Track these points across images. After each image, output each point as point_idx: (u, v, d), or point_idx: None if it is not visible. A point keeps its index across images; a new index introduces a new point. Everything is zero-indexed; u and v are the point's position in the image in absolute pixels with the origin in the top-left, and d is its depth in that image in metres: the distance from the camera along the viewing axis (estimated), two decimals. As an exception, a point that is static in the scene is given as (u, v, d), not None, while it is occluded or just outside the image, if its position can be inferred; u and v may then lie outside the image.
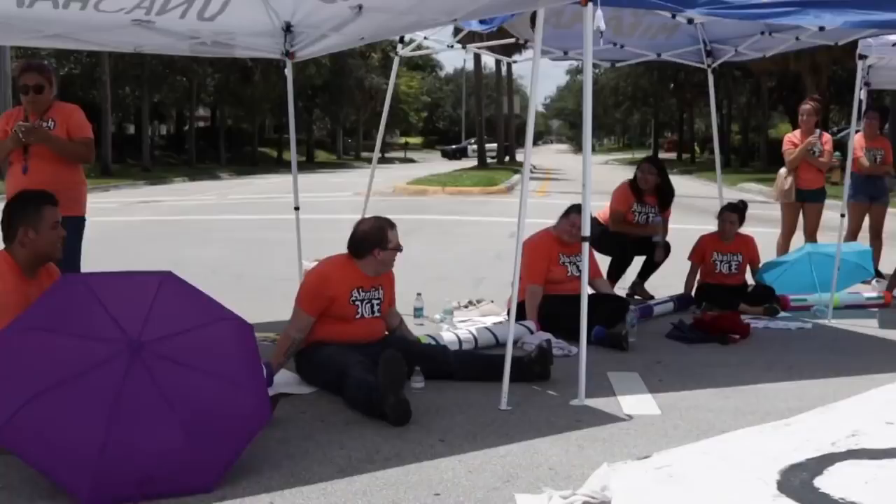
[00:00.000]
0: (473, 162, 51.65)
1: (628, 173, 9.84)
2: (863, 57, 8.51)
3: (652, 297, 8.88)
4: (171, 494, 3.91)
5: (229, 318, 4.39)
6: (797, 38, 8.42)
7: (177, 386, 3.99)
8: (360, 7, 6.95)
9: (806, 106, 10.24)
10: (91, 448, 3.77)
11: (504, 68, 57.63)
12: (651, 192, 9.14)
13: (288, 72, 8.79)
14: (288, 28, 8.13)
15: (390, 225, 5.93)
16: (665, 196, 9.23)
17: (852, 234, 10.38)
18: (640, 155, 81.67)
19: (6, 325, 4.10)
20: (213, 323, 4.33)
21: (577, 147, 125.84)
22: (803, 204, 10.15)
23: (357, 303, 5.76)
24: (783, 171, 10.21)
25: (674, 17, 7.02)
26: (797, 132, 10.33)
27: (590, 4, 5.38)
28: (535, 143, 6.50)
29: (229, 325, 4.36)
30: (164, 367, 3.99)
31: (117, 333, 3.99)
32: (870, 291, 9.37)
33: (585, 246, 5.58)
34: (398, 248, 5.92)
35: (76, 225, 6.29)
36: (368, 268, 5.85)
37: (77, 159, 6.45)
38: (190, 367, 4.07)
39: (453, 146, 77.53)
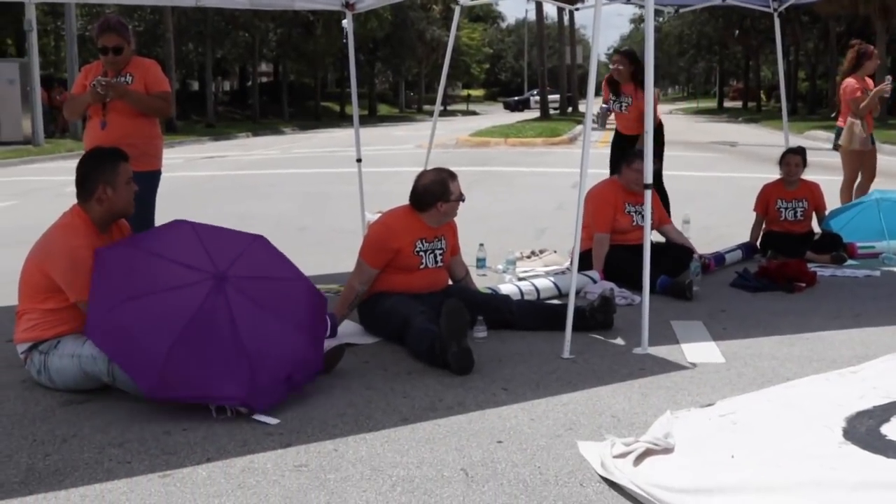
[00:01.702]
0: (536, 113, 51.37)
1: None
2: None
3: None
4: (221, 404, 4.33)
5: (306, 281, 4.90)
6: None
7: (248, 318, 4.45)
8: (420, -43, 6.92)
9: (876, 52, 9.94)
10: (159, 352, 4.26)
11: (566, 17, 57.04)
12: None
13: (348, 24, 8.80)
14: (349, -20, 8.13)
15: (451, 176, 5.91)
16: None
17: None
18: (704, 104, 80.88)
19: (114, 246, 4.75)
20: (291, 280, 4.84)
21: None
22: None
23: (421, 253, 5.78)
24: (856, 119, 9.88)
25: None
26: (854, 78, 9.99)
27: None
28: (597, 94, 6.44)
29: (305, 285, 4.87)
30: (241, 300, 4.48)
31: (209, 266, 4.54)
32: (941, 238, 9.17)
33: (648, 193, 5.53)
34: (461, 199, 5.91)
35: (152, 179, 6.38)
36: (432, 220, 5.86)
37: (155, 113, 6.49)
38: (263, 307, 4.54)
39: (515, 98, 77.00)
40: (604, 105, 9.29)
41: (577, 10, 30.09)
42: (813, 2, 9.84)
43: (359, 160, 9.10)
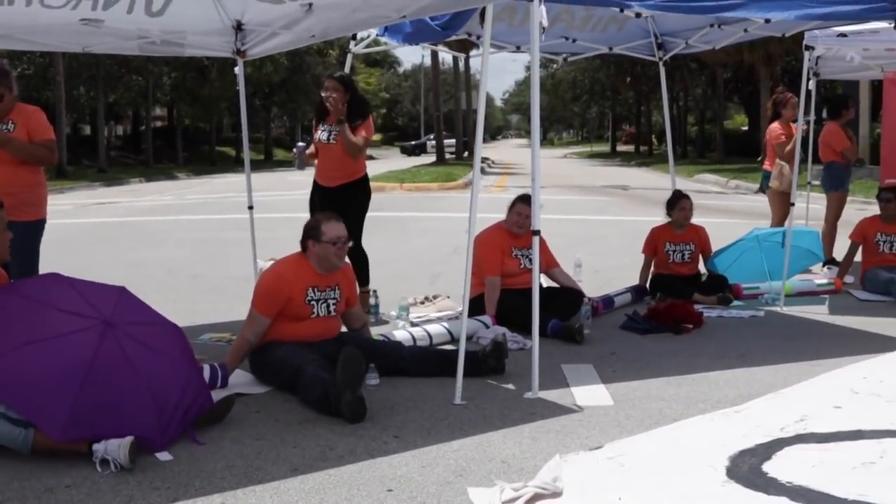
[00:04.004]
0: (432, 158, 51.64)
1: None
2: (809, 48, 8.62)
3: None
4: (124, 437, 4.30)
5: (172, 323, 5.08)
6: (745, 31, 8.49)
7: (144, 360, 4.58)
8: (311, 5, 6.95)
9: (793, 99, 10.28)
10: (67, 395, 4.31)
11: (462, 63, 57.68)
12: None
13: (239, 70, 8.77)
14: (238, 26, 8.09)
15: (327, 218, 5.88)
16: None
17: (833, 223, 10.51)
18: (598, 149, 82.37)
19: None
20: (164, 324, 5.00)
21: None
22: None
23: (312, 303, 5.75)
24: (784, 163, 10.24)
25: (622, 11, 7.06)
26: (778, 123, 10.42)
27: (535, 0, 5.41)
28: (494, 138, 6.53)
29: (174, 327, 5.04)
30: (132, 344, 4.59)
31: (94, 313, 4.61)
32: (821, 278, 9.51)
33: (536, 239, 5.61)
34: (333, 242, 5.79)
35: (36, 228, 6.25)
36: (316, 264, 5.82)
37: (39, 162, 6.38)
38: (154, 350, 4.69)
39: (412, 142, 77.35)
40: (301, 144, 8.21)
41: (468, 57, 30.40)
42: (698, 52, 10.09)
43: (250, 207, 9.04)
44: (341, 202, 7.53)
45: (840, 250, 9.91)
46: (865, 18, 7.27)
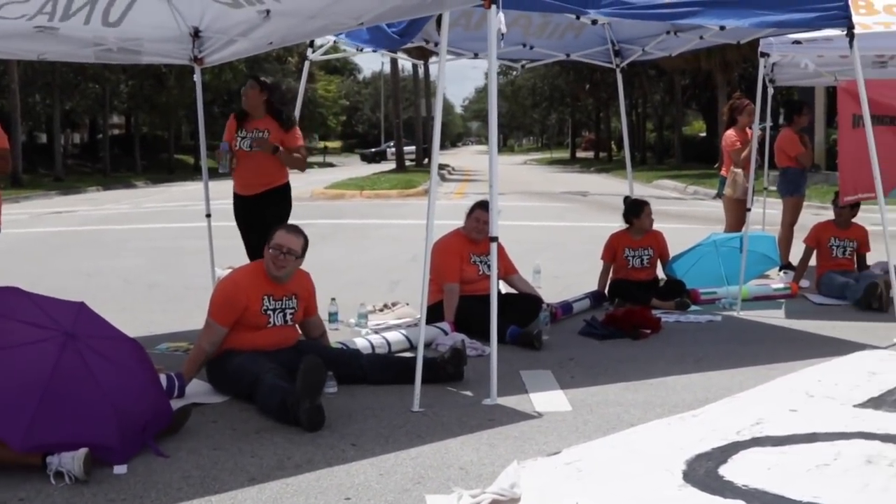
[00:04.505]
0: (393, 165, 51.62)
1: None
2: (765, 55, 8.70)
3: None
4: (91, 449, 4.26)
5: (131, 339, 5.02)
6: (701, 38, 8.55)
7: (105, 373, 4.52)
8: (268, 12, 6.92)
9: (750, 105, 10.38)
10: (28, 406, 4.24)
11: (421, 70, 57.76)
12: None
13: (197, 78, 8.72)
14: (196, 33, 8.05)
15: (286, 228, 5.88)
16: None
17: (790, 228, 10.61)
18: (558, 155, 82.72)
19: None
20: (123, 339, 4.93)
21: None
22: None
23: (269, 312, 5.73)
24: (738, 170, 10.36)
25: (578, 18, 7.10)
26: (733, 130, 10.54)
27: (493, 7, 5.43)
28: (454, 145, 6.54)
29: (132, 342, 4.98)
30: (93, 356, 4.53)
31: (54, 324, 4.57)
32: (777, 283, 9.61)
33: (494, 245, 5.62)
34: (273, 248, 5.74)
35: None
36: (269, 271, 5.80)
37: None
38: (115, 363, 4.64)
39: (372, 149, 77.30)
40: (224, 143, 7.64)
41: (423, 64, 30.37)
42: (655, 58, 10.16)
43: (208, 215, 8.99)
44: (260, 211, 7.37)
45: (796, 255, 10.01)
46: (818, 26, 7.35)
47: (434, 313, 7.19)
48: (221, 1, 6.77)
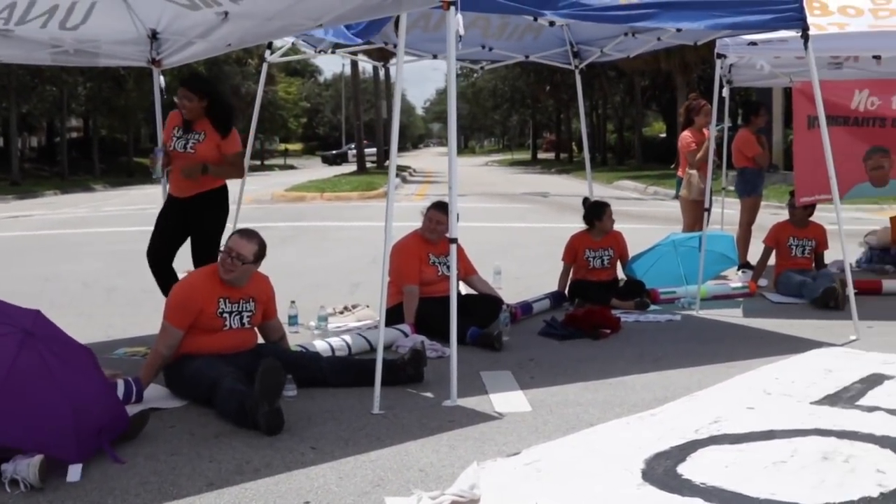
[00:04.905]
0: (354, 167, 51.52)
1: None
2: (721, 56, 8.77)
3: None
4: (45, 452, 4.21)
5: (85, 347, 4.91)
6: (658, 39, 8.60)
7: (63, 374, 4.47)
8: (226, 13, 6.89)
9: (706, 106, 10.46)
10: None
11: (381, 73, 57.68)
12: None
13: (155, 80, 8.65)
14: (154, 35, 7.99)
15: (241, 232, 5.85)
16: None
17: (748, 227, 10.70)
18: (519, 156, 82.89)
19: None
20: (79, 346, 4.84)
21: (458, 149, 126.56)
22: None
23: (225, 315, 5.69)
24: (693, 171, 10.44)
25: (535, 19, 7.12)
26: (689, 131, 10.61)
27: (452, 8, 5.43)
28: (415, 147, 6.53)
29: (87, 349, 4.88)
30: (52, 358, 4.48)
31: (13, 322, 4.50)
32: (736, 282, 9.69)
33: (453, 247, 5.62)
34: (228, 252, 5.69)
35: None
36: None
37: None
38: (73, 366, 4.59)
39: (333, 151, 77.00)
40: (158, 149, 7.52)
41: (383, 66, 30.31)
42: (614, 60, 10.20)
43: (167, 218, 8.90)
44: (194, 214, 7.14)
45: (754, 254, 10.10)
46: (773, 27, 7.43)
47: (394, 315, 7.18)
48: (178, 2, 6.72)
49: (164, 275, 7.14)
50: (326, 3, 6.25)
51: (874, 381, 5.84)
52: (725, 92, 10.30)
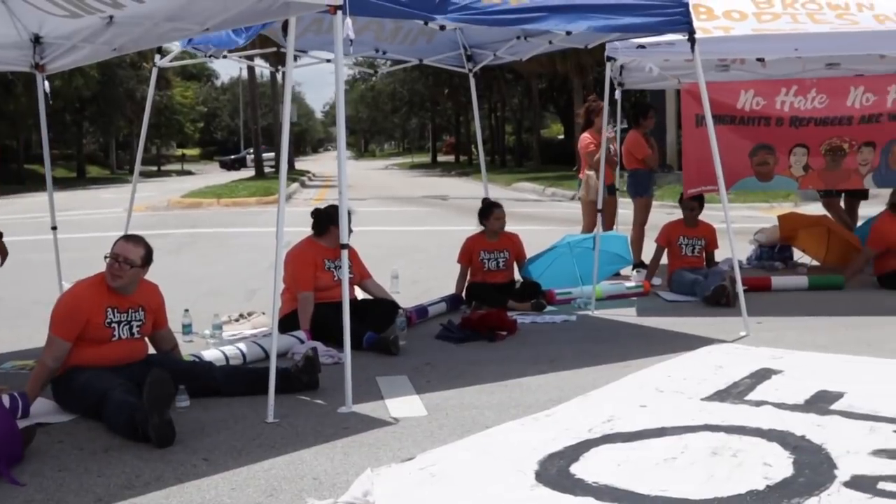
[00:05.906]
0: (252, 172, 50.99)
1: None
2: (611, 59, 8.90)
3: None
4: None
5: None
6: (550, 42, 8.68)
7: None
8: (111, 18, 6.74)
9: (601, 105, 10.58)
10: None
11: (279, 77, 57.23)
12: None
13: (40, 85, 8.44)
14: (37, 40, 7.80)
15: (127, 237, 5.75)
16: None
17: (641, 227, 10.86)
18: (418, 159, 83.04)
19: None
20: None
21: (358, 153, 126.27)
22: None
23: (113, 325, 5.55)
24: (591, 172, 10.58)
25: (426, 24, 7.12)
26: (589, 132, 10.75)
27: (339, 13, 5.40)
28: (315, 151, 6.47)
29: None
30: None
31: None
32: (630, 281, 9.84)
33: (345, 252, 5.59)
34: (115, 258, 5.59)
35: None
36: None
37: None
38: None
39: (231, 156, 76.13)
40: None
41: (280, 70, 30.02)
42: (508, 62, 10.27)
43: (54, 228, 8.73)
44: None
45: (648, 254, 10.27)
46: (661, 31, 7.56)
47: (290, 322, 7.12)
48: (58, 14, 6.55)
49: None
50: (213, 7, 6.17)
51: (762, 375, 5.98)
52: (618, 94, 10.47)
